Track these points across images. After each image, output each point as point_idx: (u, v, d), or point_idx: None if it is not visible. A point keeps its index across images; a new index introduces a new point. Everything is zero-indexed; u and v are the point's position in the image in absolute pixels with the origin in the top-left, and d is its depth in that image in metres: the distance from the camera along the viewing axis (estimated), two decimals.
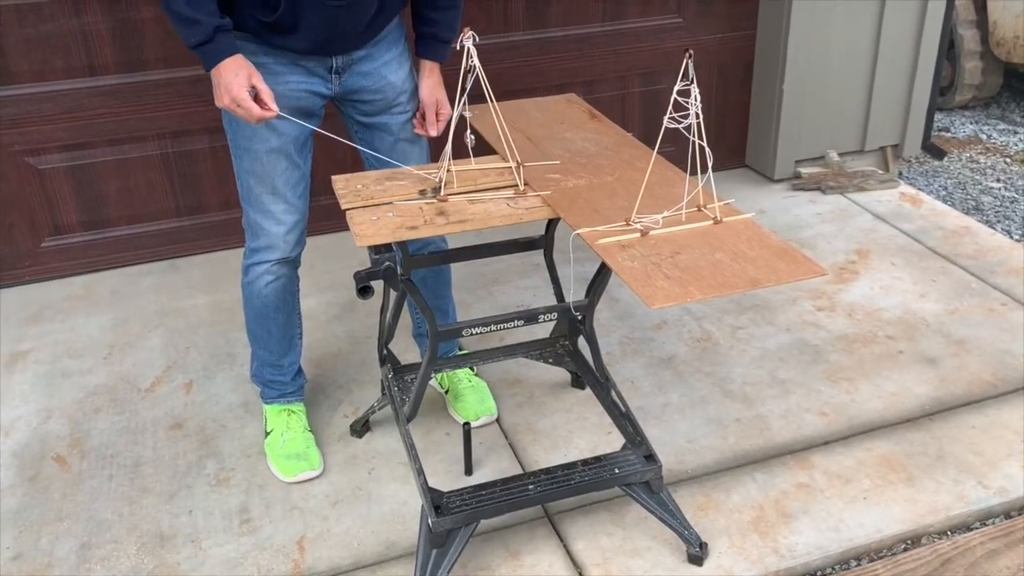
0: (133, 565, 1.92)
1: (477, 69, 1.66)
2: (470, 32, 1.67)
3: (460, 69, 1.67)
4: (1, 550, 1.97)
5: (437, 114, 2.04)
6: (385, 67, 1.99)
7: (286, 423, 2.21)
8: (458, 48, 1.70)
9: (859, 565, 1.92)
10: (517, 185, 1.82)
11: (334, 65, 1.93)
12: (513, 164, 1.85)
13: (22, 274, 3.00)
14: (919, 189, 3.65)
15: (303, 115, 1.94)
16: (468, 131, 1.85)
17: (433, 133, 2.04)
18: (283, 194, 1.98)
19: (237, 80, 1.76)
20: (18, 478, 2.17)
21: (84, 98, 2.84)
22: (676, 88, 1.50)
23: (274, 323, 2.14)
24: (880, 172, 3.66)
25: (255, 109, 1.77)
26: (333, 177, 1.88)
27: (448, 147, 1.79)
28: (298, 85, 1.91)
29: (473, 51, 1.66)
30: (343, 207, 1.77)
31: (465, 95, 1.71)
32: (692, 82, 1.49)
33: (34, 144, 2.85)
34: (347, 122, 2.08)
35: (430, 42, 2.02)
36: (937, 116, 4.46)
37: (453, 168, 1.86)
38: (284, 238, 2.01)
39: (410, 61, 2.06)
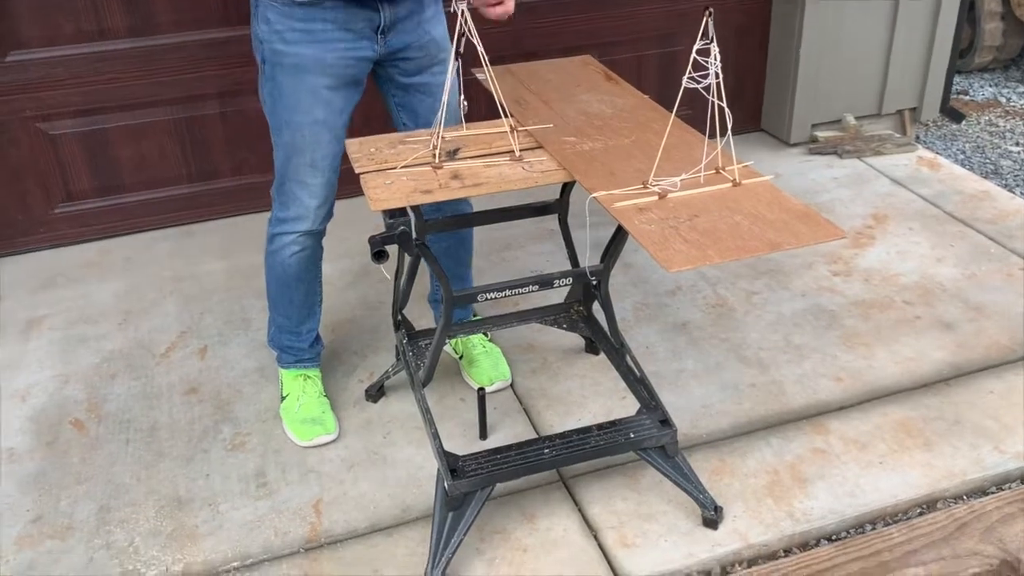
0: (152, 528, 1.94)
1: (469, 34, 1.63)
2: None
3: (464, 31, 1.64)
4: (22, 512, 1.99)
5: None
6: (428, 23, 1.95)
7: (302, 388, 2.22)
8: (452, 10, 1.67)
9: (874, 529, 1.92)
10: (527, 149, 1.80)
11: (381, 23, 1.89)
12: (508, 128, 1.82)
13: (36, 240, 3.00)
14: (937, 153, 3.60)
15: (352, 83, 1.92)
16: (461, 96, 1.81)
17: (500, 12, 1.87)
18: (322, 167, 1.96)
19: None
20: (37, 442, 2.19)
21: (95, 63, 2.82)
22: (696, 47, 1.47)
23: (296, 292, 2.14)
24: (897, 136, 3.61)
25: None
26: (346, 141, 1.87)
27: (454, 110, 1.77)
28: (346, 52, 1.88)
29: (467, 14, 1.63)
30: (356, 171, 1.76)
31: (459, 60, 1.68)
32: (712, 41, 1.46)
33: (46, 110, 2.84)
34: (385, 86, 2.04)
35: None
36: (956, 79, 4.38)
37: (465, 132, 1.84)
38: (316, 211, 2.00)
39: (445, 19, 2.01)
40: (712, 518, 1.88)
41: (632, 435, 1.87)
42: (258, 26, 1.89)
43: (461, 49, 1.66)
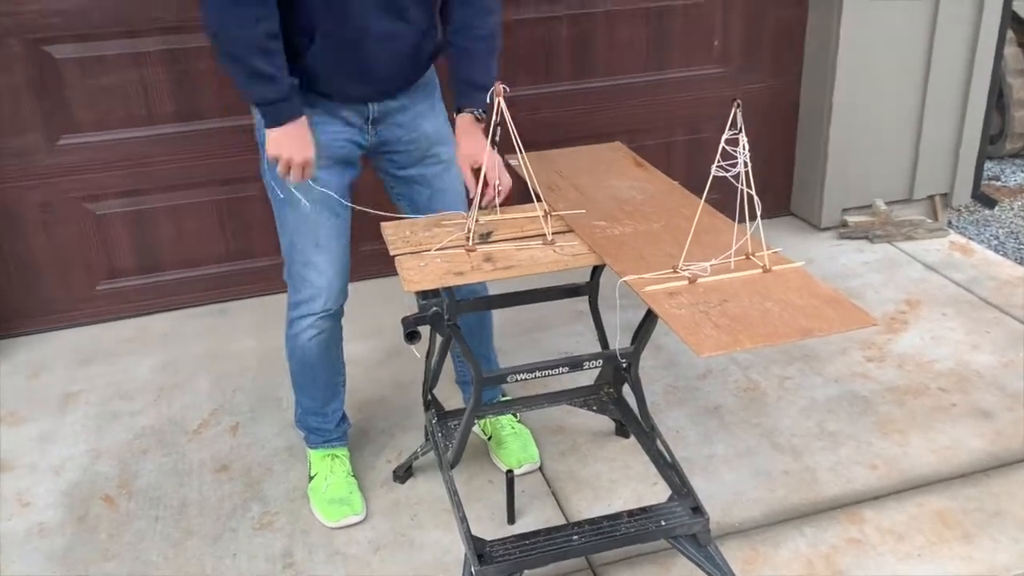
0: None
1: (507, 120, 1.68)
2: (501, 86, 1.69)
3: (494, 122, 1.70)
4: None
5: (488, 181, 1.86)
6: (420, 117, 2.00)
7: (330, 467, 2.22)
8: (488, 101, 1.73)
9: None
10: (558, 232, 1.83)
11: (370, 115, 1.95)
12: (541, 212, 1.86)
13: (77, 316, 3.07)
14: (969, 238, 3.58)
15: (343, 164, 1.97)
16: (495, 177, 1.85)
17: (489, 199, 1.90)
18: (326, 245, 2.00)
19: (307, 141, 1.82)
20: (68, 517, 2.20)
21: (142, 146, 2.93)
22: (724, 137, 1.50)
23: (318, 374, 2.16)
24: (929, 221, 3.61)
25: (310, 172, 1.83)
26: (382, 224, 1.91)
27: (483, 195, 1.81)
28: (337, 134, 1.94)
29: (503, 104, 1.68)
30: (391, 253, 1.80)
31: (494, 144, 1.73)
32: (740, 131, 1.49)
33: (93, 190, 2.94)
34: (383, 176, 2.09)
35: (464, 88, 1.94)
36: (987, 165, 4.39)
37: (499, 216, 1.88)
38: (327, 289, 2.02)
39: (444, 113, 2.07)
40: None
41: (663, 523, 1.84)
42: (254, 112, 1.92)
43: (497, 138, 1.71)
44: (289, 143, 1.82)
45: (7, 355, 2.92)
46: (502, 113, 1.68)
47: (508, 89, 1.68)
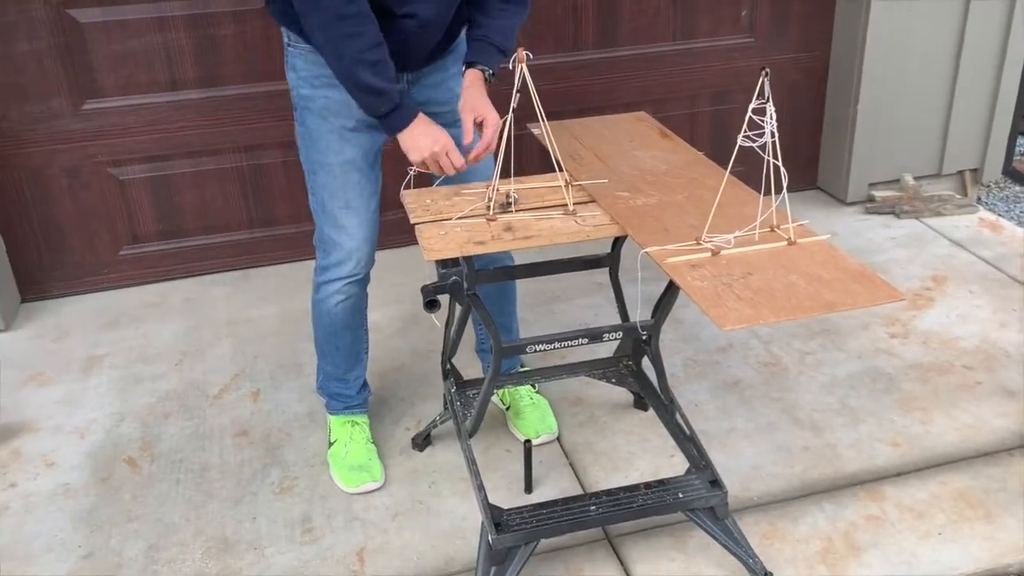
0: (198, 569, 1.96)
1: (530, 88, 1.65)
2: (524, 52, 1.67)
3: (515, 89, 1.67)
4: (74, 548, 2.02)
5: (483, 127, 1.87)
6: (452, 79, 2.00)
7: (349, 434, 2.23)
8: (511, 68, 1.70)
9: None
10: (580, 202, 1.81)
11: (403, 81, 1.95)
12: (562, 182, 1.84)
13: (101, 281, 3.10)
14: (999, 215, 3.52)
15: (373, 127, 1.96)
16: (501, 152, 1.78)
17: (478, 152, 1.88)
18: (356, 207, 2.00)
19: (434, 129, 1.82)
20: (92, 479, 2.23)
21: (165, 111, 2.93)
22: (751, 106, 1.48)
23: (342, 340, 2.17)
24: (958, 197, 3.55)
25: (458, 158, 1.83)
26: (403, 192, 1.90)
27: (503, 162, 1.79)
28: None
29: (526, 71, 1.66)
30: (412, 221, 1.79)
31: (512, 113, 1.71)
32: (768, 100, 1.46)
33: (117, 155, 2.96)
34: None
35: (481, 44, 1.91)
36: (1020, 140, 4.30)
37: (520, 185, 1.86)
38: (356, 253, 2.03)
39: None
40: None
41: (681, 495, 1.84)
42: (288, 73, 1.97)
43: (515, 104, 1.69)
44: (422, 141, 1.82)
45: (33, 318, 2.96)
46: (524, 80, 1.65)
47: (532, 55, 1.66)
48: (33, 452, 2.33)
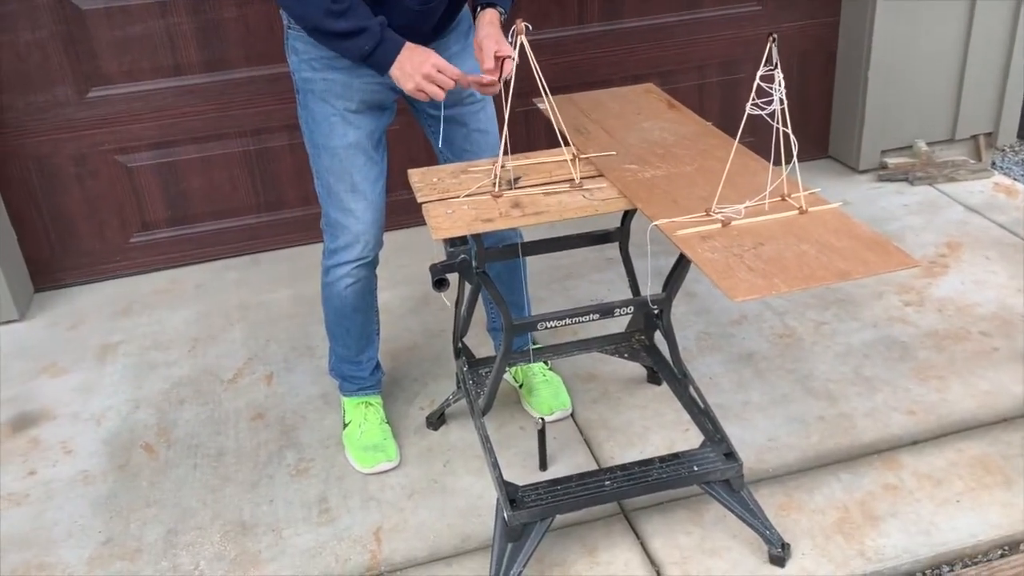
0: (217, 552, 1.97)
1: (530, 60, 1.63)
2: (523, 24, 1.64)
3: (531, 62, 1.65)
4: (93, 534, 2.04)
5: (503, 63, 1.79)
6: (455, 57, 1.97)
7: (364, 415, 2.24)
8: (510, 40, 1.68)
9: (952, 571, 1.84)
10: (588, 177, 1.79)
11: None
12: (569, 156, 1.82)
13: (113, 268, 3.11)
14: (1015, 179, 3.48)
15: (376, 109, 1.95)
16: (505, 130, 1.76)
17: (492, 80, 1.81)
18: (362, 190, 1.99)
19: (421, 52, 1.75)
20: (109, 465, 2.25)
21: (170, 97, 2.92)
22: (759, 73, 1.45)
23: (353, 322, 2.17)
24: (972, 162, 3.50)
25: (452, 70, 1.76)
26: (409, 171, 1.89)
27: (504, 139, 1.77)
28: (372, 79, 1.91)
29: (526, 43, 1.64)
30: (419, 200, 1.78)
31: (511, 86, 1.68)
32: (776, 67, 1.44)
33: (124, 143, 2.95)
34: (420, 117, 2.08)
35: None
36: None
37: (526, 160, 1.85)
38: (363, 236, 2.02)
39: None
40: (779, 555, 1.82)
41: (696, 468, 1.84)
42: (289, 56, 1.95)
43: (511, 75, 1.67)
44: (412, 66, 1.76)
45: (47, 307, 2.97)
46: (524, 53, 1.63)
47: (531, 27, 1.64)
48: (51, 440, 2.35)
